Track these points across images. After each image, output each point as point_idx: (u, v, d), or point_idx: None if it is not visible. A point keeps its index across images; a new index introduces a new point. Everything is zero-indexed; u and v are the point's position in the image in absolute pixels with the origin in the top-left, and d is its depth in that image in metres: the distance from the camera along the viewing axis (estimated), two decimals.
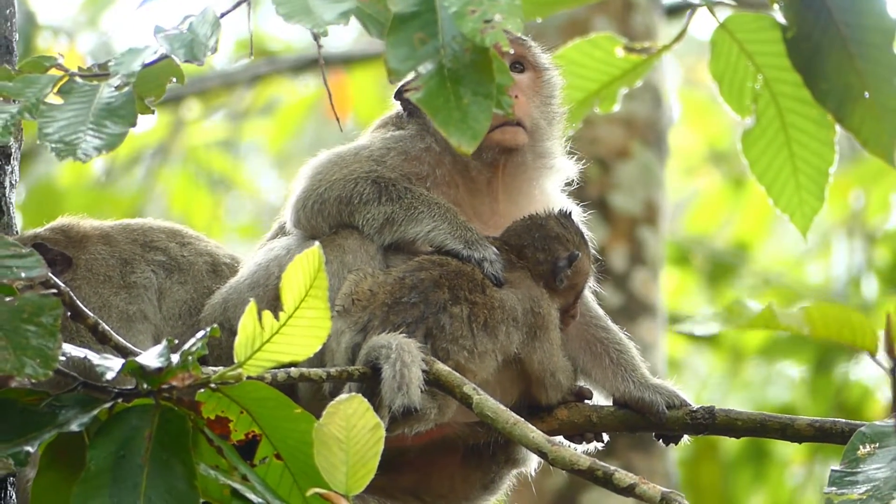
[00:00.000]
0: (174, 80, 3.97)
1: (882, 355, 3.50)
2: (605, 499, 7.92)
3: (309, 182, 4.52)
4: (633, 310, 8.29)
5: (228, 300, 4.51)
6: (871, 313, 10.89)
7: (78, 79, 3.97)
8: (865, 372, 10.63)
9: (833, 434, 4.24)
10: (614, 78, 5.20)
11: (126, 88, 3.90)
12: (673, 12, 9.54)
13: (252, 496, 3.51)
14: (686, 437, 4.46)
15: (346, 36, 12.57)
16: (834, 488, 3.69)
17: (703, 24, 4.90)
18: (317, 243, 3.64)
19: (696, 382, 11.69)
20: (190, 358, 3.52)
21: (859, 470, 3.72)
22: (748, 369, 11.54)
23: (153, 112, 3.97)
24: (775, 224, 11.76)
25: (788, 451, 10.69)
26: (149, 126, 11.99)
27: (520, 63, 4.55)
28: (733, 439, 4.46)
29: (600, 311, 4.62)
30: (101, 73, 4.00)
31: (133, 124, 3.86)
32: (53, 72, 4.01)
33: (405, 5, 3.86)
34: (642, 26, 8.61)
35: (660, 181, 8.63)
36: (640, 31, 8.48)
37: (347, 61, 11.36)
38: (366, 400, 3.59)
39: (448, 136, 3.79)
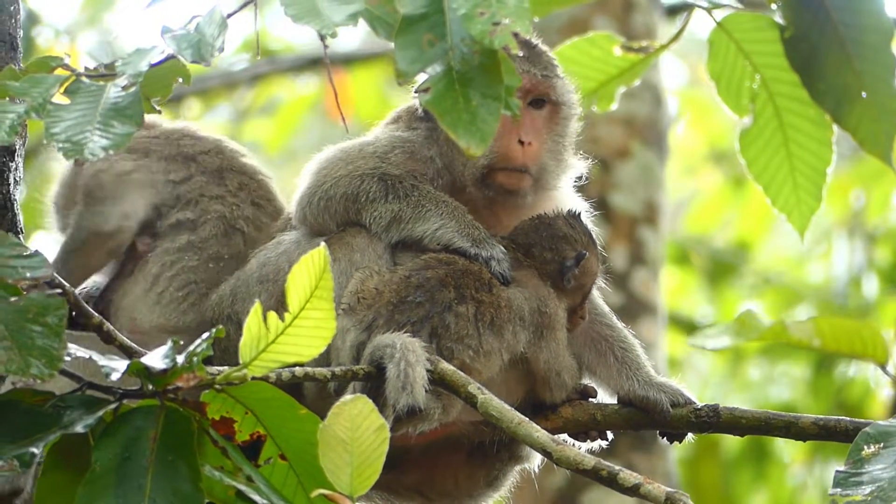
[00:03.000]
0: (180, 80, 3.98)
1: (893, 365, 3.50)
2: (607, 498, 7.92)
3: (314, 178, 4.51)
4: (633, 309, 8.29)
5: (237, 293, 4.51)
6: (871, 313, 10.90)
7: (84, 79, 3.98)
8: (865, 371, 10.63)
9: (837, 432, 4.24)
10: (612, 77, 5.21)
11: (133, 88, 3.89)
12: (673, 12, 9.55)
13: (257, 497, 3.51)
14: (690, 436, 4.47)
15: (352, 36, 12.59)
16: (839, 489, 3.68)
17: (706, 24, 4.90)
18: (322, 243, 3.64)
19: (698, 382, 11.69)
20: (195, 359, 3.51)
21: (864, 471, 3.71)
22: (749, 369, 11.55)
23: (160, 112, 3.98)
24: (776, 223, 11.76)
25: (789, 451, 10.70)
26: None
27: (543, 99, 4.50)
28: (734, 439, 4.45)
29: (606, 308, 4.61)
30: (107, 73, 4.00)
31: (140, 124, 3.85)
32: (59, 72, 4.01)
33: (414, 7, 3.85)
34: (642, 26, 8.61)
35: (660, 181, 8.63)
36: (640, 30, 8.48)
37: (348, 61, 11.37)
38: (370, 401, 3.58)
39: (457, 139, 3.78)
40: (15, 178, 4.39)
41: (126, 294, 4.68)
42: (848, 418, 4.27)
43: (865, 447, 3.77)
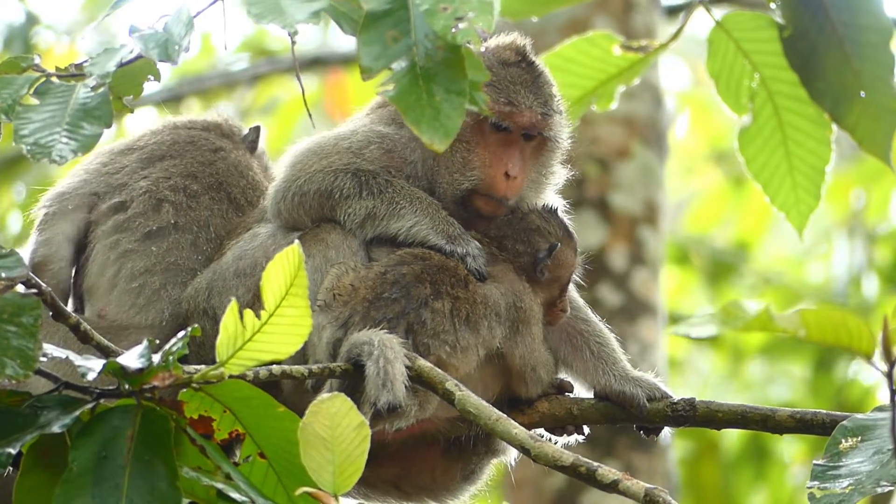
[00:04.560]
0: (151, 77, 3.97)
1: (879, 358, 3.49)
2: (606, 499, 7.91)
3: (288, 172, 4.50)
4: (633, 309, 8.29)
5: (213, 287, 4.48)
6: (871, 312, 10.90)
7: (55, 79, 3.97)
8: (865, 371, 10.64)
9: (814, 425, 4.24)
10: (611, 76, 5.20)
11: (102, 89, 3.89)
12: (673, 12, 9.55)
13: (236, 495, 3.50)
14: (667, 430, 4.47)
15: (352, 37, 12.55)
16: (817, 482, 3.68)
17: (706, 24, 4.90)
18: (297, 240, 3.64)
19: (698, 382, 11.69)
20: (170, 358, 3.51)
21: (842, 464, 3.71)
22: (749, 369, 11.55)
23: (132, 111, 3.98)
24: (776, 223, 11.76)
25: (789, 451, 10.70)
26: (149, 125, 11.99)
27: (538, 132, 4.46)
28: (734, 438, 4.46)
29: (581, 302, 4.61)
30: (76, 73, 3.99)
31: (108, 125, 3.85)
32: (30, 73, 4.00)
33: (377, 3, 3.85)
34: (643, 26, 8.61)
35: (660, 181, 8.63)
36: (640, 30, 8.48)
37: (347, 61, 11.37)
38: (349, 399, 3.58)
39: (420, 134, 3.79)
40: None
41: (89, 282, 4.68)
42: (825, 411, 4.26)
43: (843, 440, 3.77)
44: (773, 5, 4.82)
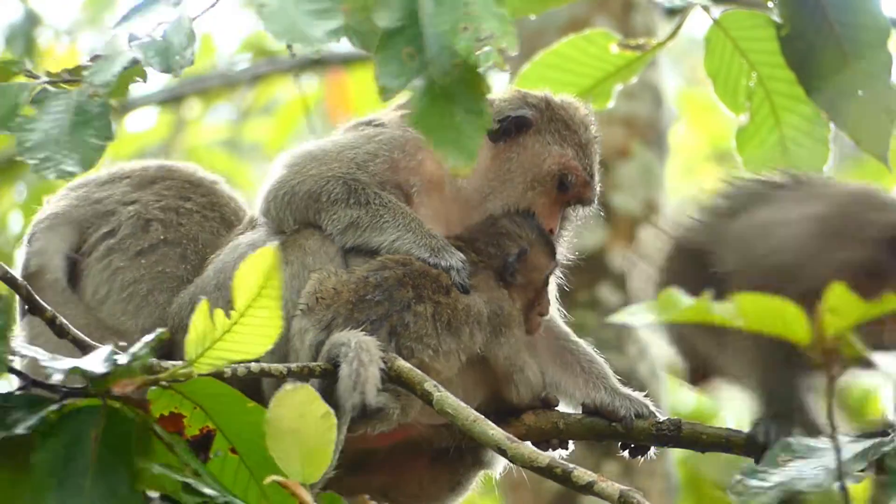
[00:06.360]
0: (138, 79, 3.97)
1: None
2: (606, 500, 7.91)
3: (285, 172, 4.51)
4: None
5: (195, 301, 4.47)
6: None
7: (49, 87, 3.95)
8: (865, 373, 10.59)
9: None
10: (609, 74, 5.20)
11: (100, 99, 3.87)
12: (673, 12, 9.54)
13: (205, 488, 3.49)
14: (653, 450, 4.47)
15: None
16: (745, 476, 3.64)
17: (704, 24, 4.90)
18: (275, 242, 3.64)
19: None
20: (135, 363, 3.51)
21: (774, 472, 3.67)
22: None
23: (119, 113, 3.95)
24: None
25: None
26: (150, 125, 12.01)
27: (587, 204, 4.63)
28: None
29: (566, 329, 4.65)
30: (71, 78, 3.97)
31: (110, 139, 3.84)
32: (21, 78, 3.99)
33: (391, 20, 3.83)
34: (642, 25, 8.61)
35: (660, 181, 8.62)
36: (640, 30, 8.47)
37: (347, 61, 11.36)
38: (313, 389, 3.60)
39: (445, 157, 3.78)
40: None
41: (84, 300, 4.70)
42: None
43: (782, 454, 3.73)
44: (770, 4, 4.82)
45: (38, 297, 3.74)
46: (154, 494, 3.54)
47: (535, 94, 4.63)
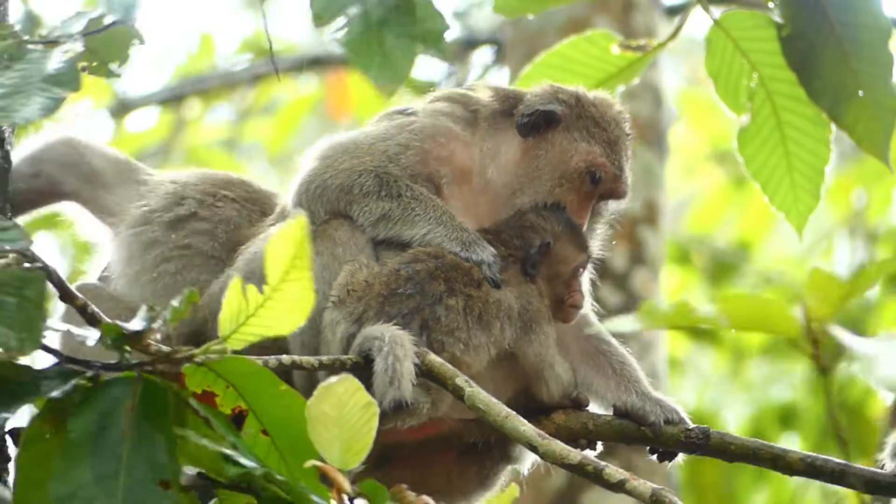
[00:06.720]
0: (137, 42, 3.97)
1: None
2: (606, 499, 7.91)
3: (317, 164, 4.51)
4: (633, 309, 8.26)
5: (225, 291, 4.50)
6: (872, 312, 10.88)
7: (30, 46, 3.96)
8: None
9: (823, 472, 4.24)
10: (610, 75, 5.20)
11: (70, 54, 3.89)
12: (673, 12, 9.54)
13: (244, 460, 3.47)
14: (680, 456, 4.46)
15: None
16: None
17: (705, 24, 4.90)
18: (301, 213, 3.62)
19: (698, 382, 11.68)
20: (166, 315, 3.50)
21: None
22: (750, 368, 11.53)
23: (120, 76, 3.97)
24: (777, 223, 11.74)
25: None
26: (150, 125, 12.02)
27: (618, 199, 4.66)
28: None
29: (600, 327, 4.63)
30: (52, 39, 3.98)
31: (76, 89, 3.83)
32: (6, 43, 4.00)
33: None
34: (643, 25, 8.61)
35: (660, 181, 8.62)
36: (640, 30, 8.47)
37: (348, 62, 11.35)
38: (356, 379, 3.57)
39: (370, 78, 3.82)
40: (3, 166, 4.34)
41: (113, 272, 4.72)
42: (835, 459, 4.26)
43: None
44: (771, 4, 4.82)
45: (68, 284, 3.73)
46: (191, 471, 3.54)
47: (567, 90, 4.63)
